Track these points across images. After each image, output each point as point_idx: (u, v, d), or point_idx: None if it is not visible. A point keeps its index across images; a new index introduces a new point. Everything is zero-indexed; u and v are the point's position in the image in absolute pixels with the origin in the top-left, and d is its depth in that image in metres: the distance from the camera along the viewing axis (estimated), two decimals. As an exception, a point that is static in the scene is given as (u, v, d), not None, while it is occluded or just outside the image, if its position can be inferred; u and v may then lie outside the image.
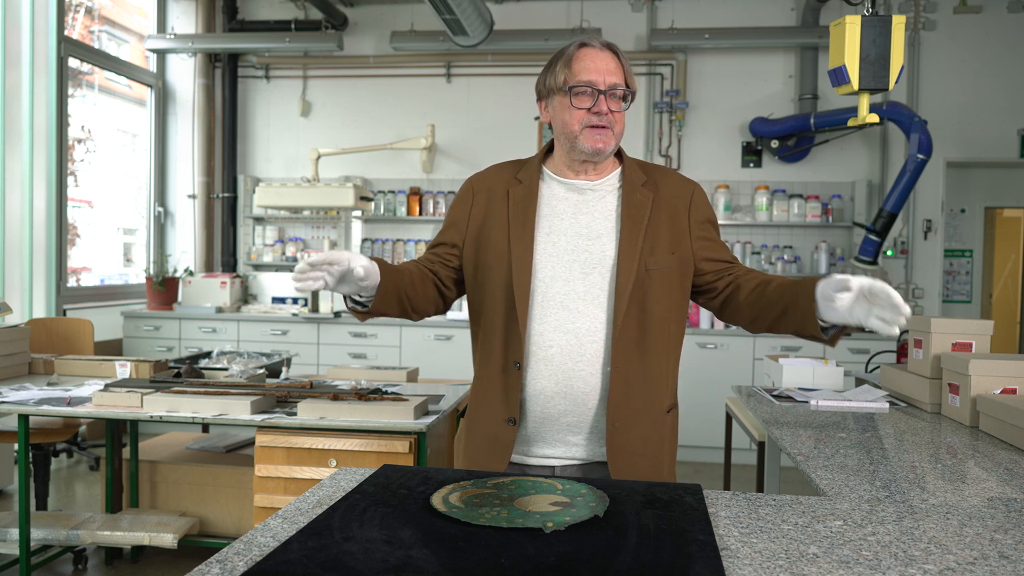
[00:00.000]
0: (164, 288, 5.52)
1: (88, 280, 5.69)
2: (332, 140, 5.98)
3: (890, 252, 5.49)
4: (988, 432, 2.09)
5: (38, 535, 2.96)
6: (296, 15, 6.00)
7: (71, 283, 5.26)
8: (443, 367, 5.08)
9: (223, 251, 6.09)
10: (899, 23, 2.48)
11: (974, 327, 2.42)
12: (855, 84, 2.51)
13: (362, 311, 1.52)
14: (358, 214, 5.79)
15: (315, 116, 6.08)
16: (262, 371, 3.10)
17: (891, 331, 1.34)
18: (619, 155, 1.66)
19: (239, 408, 2.54)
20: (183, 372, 3.02)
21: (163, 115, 6.17)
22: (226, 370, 3.10)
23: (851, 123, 2.69)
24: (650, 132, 5.71)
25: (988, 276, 6.17)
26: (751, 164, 5.66)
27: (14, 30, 4.61)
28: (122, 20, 6.22)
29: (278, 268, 5.98)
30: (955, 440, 2.04)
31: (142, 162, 6.15)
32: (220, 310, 5.48)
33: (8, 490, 4.23)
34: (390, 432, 2.48)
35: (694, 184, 1.66)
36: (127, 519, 3.06)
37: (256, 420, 2.51)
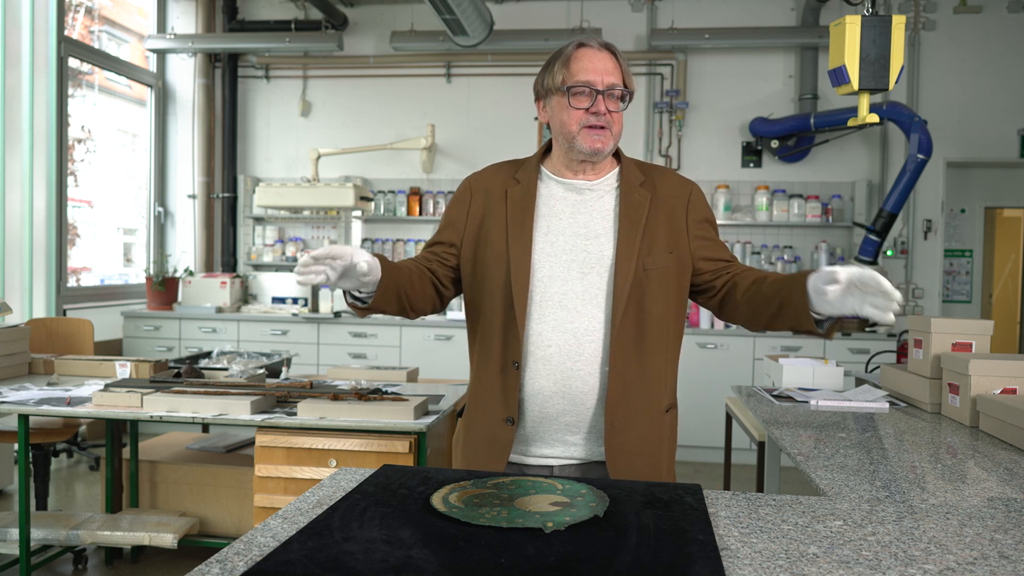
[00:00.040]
0: (164, 288, 5.52)
1: (88, 280, 5.69)
2: (332, 140, 5.98)
3: (890, 252, 5.49)
4: (988, 432, 2.09)
5: (38, 535, 2.96)
6: (296, 15, 6.00)
7: (71, 283, 5.26)
8: (443, 367, 5.08)
9: (223, 251, 6.09)
10: (899, 23, 2.48)
11: (974, 327, 2.42)
12: (855, 84, 2.51)
13: (362, 307, 1.52)
14: (358, 214, 5.79)
15: (315, 116, 6.08)
16: (262, 371, 3.10)
17: (886, 318, 1.33)
18: (617, 155, 1.66)
19: (239, 408, 2.54)
20: (183, 372, 3.02)
21: (163, 115, 6.17)
22: (226, 370, 3.11)
23: (851, 123, 2.70)
24: (650, 132, 5.71)
25: (988, 276, 6.17)
26: (751, 164, 5.66)
27: (14, 30, 4.61)
28: (122, 20, 6.22)
29: (278, 268, 5.98)
30: (955, 440, 2.04)
31: (142, 162, 6.15)
32: (220, 310, 5.48)
33: (8, 490, 4.23)
34: (390, 432, 2.48)
35: (692, 184, 1.66)
36: (127, 519, 3.06)
37: (256, 420, 2.51)
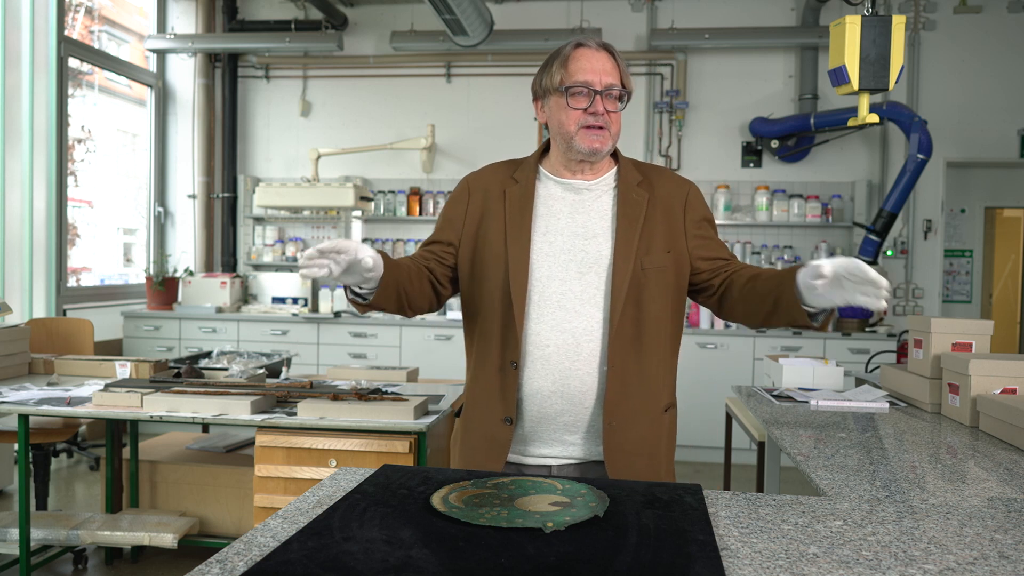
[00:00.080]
0: (164, 288, 5.52)
1: (88, 280, 5.69)
2: (332, 140, 5.98)
3: (890, 252, 5.49)
4: (988, 432, 2.09)
5: (38, 535, 2.96)
6: (296, 15, 6.00)
7: (71, 283, 5.26)
8: (443, 367, 5.08)
9: (223, 251, 6.09)
10: (899, 23, 2.47)
11: (974, 327, 2.42)
12: (855, 84, 2.51)
13: (362, 304, 1.52)
14: (358, 214, 5.79)
15: (315, 116, 6.08)
16: (262, 371, 3.10)
17: (879, 305, 1.32)
18: (615, 155, 1.66)
19: (239, 408, 2.54)
20: (183, 372, 3.02)
21: (163, 115, 6.17)
22: (226, 370, 3.10)
23: (851, 123, 2.69)
24: (650, 132, 5.71)
25: (988, 276, 6.17)
26: (751, 164, 5.66)
27: (14, 30, 4.61)
28: (122, 20, 6.22)
29: (278, 268, 5.98)
30: (955, 440, 2.04)
31: (142, 162, 6.15)
32: (220, 310, 5.48)
33: (8, 490, 4.23)
34: (390, 432, 2.48)
35: (689, 183, 1.67)
36: (127, 519, 3.06)
37: (256, 420, 2.51)
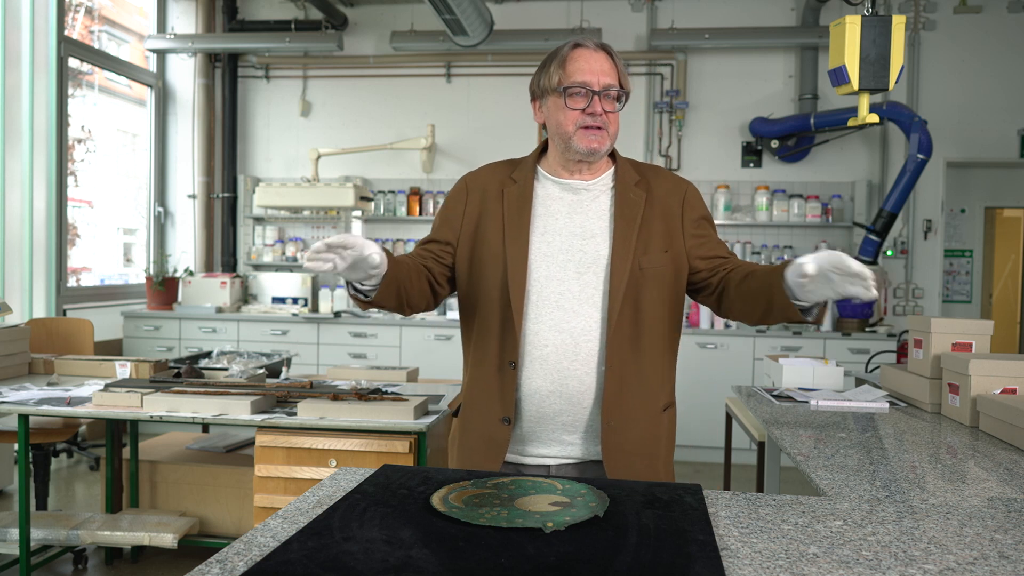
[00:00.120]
0: (164, 288, 5.52)
1: (88, 280, 5.69)
2: (332, 140, 5.98)
3: (890, 252, 5.49)
4: (988, 432, 2.09)
5: (38, 535, 2.96)
6: (296, 15, 6.00)
7: (71, 283, 5.26)
8: (443, 367, 5.08)
9: (223, 251, 6.09)
10: (899, 23, 2.47)
11: (974, 327, 2.42)
12: (855, 84, 2.51)
13: (364, 300, 1.51)
14: (358, 214, 5.79)
15: (315, 116, 6.08)
16: (262, 371, 3.10)
17: (868, 295, 1.31)
18: (613, 155, 1.66)
19: (239, 408, 2.54)
20: (183, 372, 3.02)
21: (163, 115, 6.17)
22: (226, 370, 3.10)
23: (851, 123, 2.69)
24: (650, 132, 5.71)
25: (988, 276, 6.17)
26: (751, 164, 5.66)
27: (14, 30, 4.61)
28: (122, 20, 6.22)
29: (278, 268, 5.98)
30: (955, 440, 2.04)
31: (142, 162, 6.15)
32: (220, 310, 5.48)
33: (8, 490, 4.23)
34: (390, 432, 2.48)
35: (687, 183, 1.67)
36: (127, 519, 3.06)
37: (256, 420, 2.51)
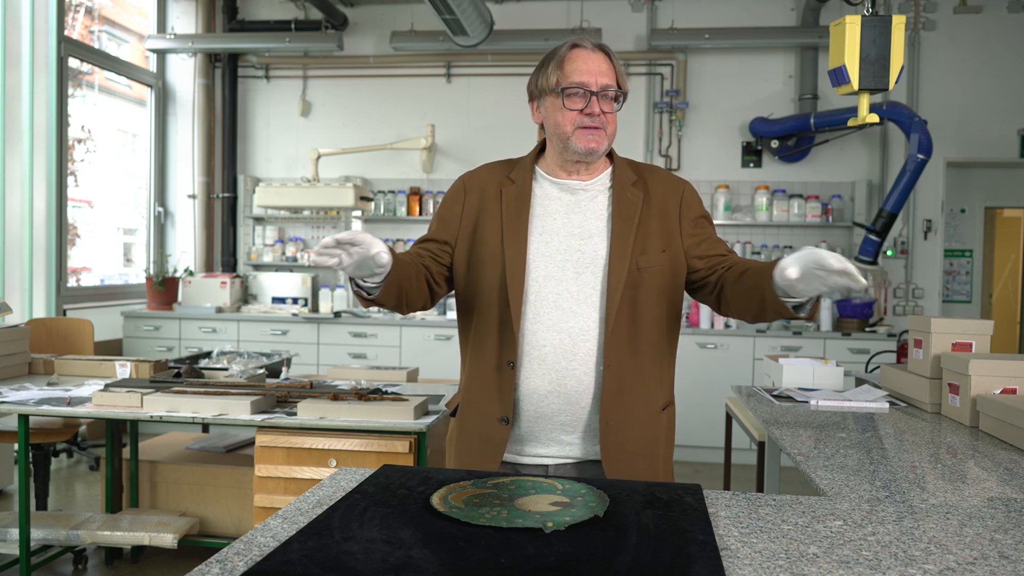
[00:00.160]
0: (164, 288, 5.52)
1: (88, 280, 5.69)
2: (332, 140, 5.98)
3: (890, 252, 5.49)
4: (988, 432, 2.09)
5: (38, 535, 2.96)
6: (296, 15, 6.00)
7: (71, 283, 5.26)
8: (443, 367, 5.08)
9: (223, 251, 6.09)
10: (899, 23, 2.47)
11: (974, 327, 2.42)
12: (855, 84, 2.51)
13: (366, 298, 1.50)
14: (358, 214, 5.79)
15: (315, 116, 6.08)
16: (262, 371, 3.10)
17: (858, 285, 1.30)
18: (610, 155, 1.67)
19: (239, 408, 2.54)
20: (183, 372, 3.02)
21: (163, 115, 6.17)
22: (226, 370, 3.10)
23: (851, 123, 2.69)
24: (650, 132, 5.71)
25: (988, 276, 6.17)
26: (751, 164, 5.66)
27: (14, 30, 4.61)
28: (122, 20, 6.22)
29: (278, 268, 5.98)
30: (955, 440, 2.04)
31: (142, 162, 6.15)
32: (220, 310, 5.48)
33: (8, 490, 4.23)
34: (390, 432, 2.48)
35: (684, 182, 1.67)
36: (127, 519, 3.06)
37: (256, 420, 2.51)
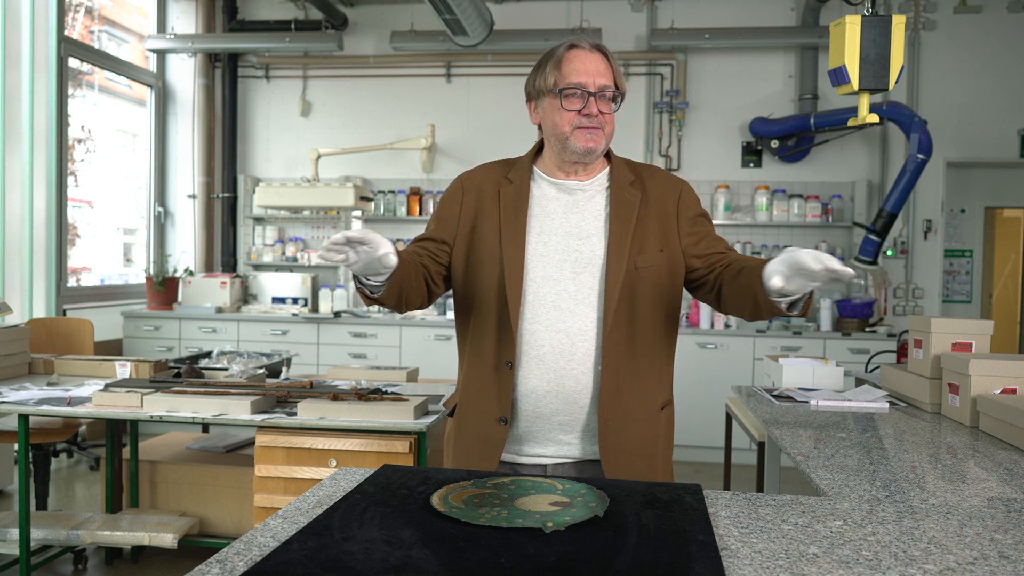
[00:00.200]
0: (164, 288, 5.52)
1: (88, 280, 5.69)
2: (332, 140, 5.98)
3: (890, 252, 5.49)
4: (988, 432, 2.09)
5: (38, 535, 2.96)
6: (296, 15, 6.00)
7: (71, 283, 5.26)
8: (443, 367, 5.08)
9: (223, 251, 6.09)
10: (899, 23, 2.47)
11: (974, 327, 2.42)
12: (855, 84, 2.51)
13: (370, 296, 1.50)
14: (358, 214, 5.79)
15: (315, 116, 6.08)
16: (262, 371, 3.10)
17: (845, 274, 1.29)
18: (608, 155, 1.67)
19: (239, 408, 2.54)
20: (183, 372, 3.02)
21: (163, 115, 6.17)
22: (226, 370, 3.10)
23: (851, 123, 2.69)
24: (650, 132, 5.71)
25: (988, 276, 6.17)
26: (751, 164, 5.66)
27: (14, 30, 4.61)
28: (122, 20, 6.22)
29: (278, 268, 5.98)
30: (955, 440, 2.04)
31: (142, 162, 6.15)
32: (220, 310, 5.48)
33: (8, 490, 4.23)
34: (390, 432, 2.48)
35: (682, 182, 1.67)
36: (127, 519, 3.06)
37: (256, 420, 2.51)
